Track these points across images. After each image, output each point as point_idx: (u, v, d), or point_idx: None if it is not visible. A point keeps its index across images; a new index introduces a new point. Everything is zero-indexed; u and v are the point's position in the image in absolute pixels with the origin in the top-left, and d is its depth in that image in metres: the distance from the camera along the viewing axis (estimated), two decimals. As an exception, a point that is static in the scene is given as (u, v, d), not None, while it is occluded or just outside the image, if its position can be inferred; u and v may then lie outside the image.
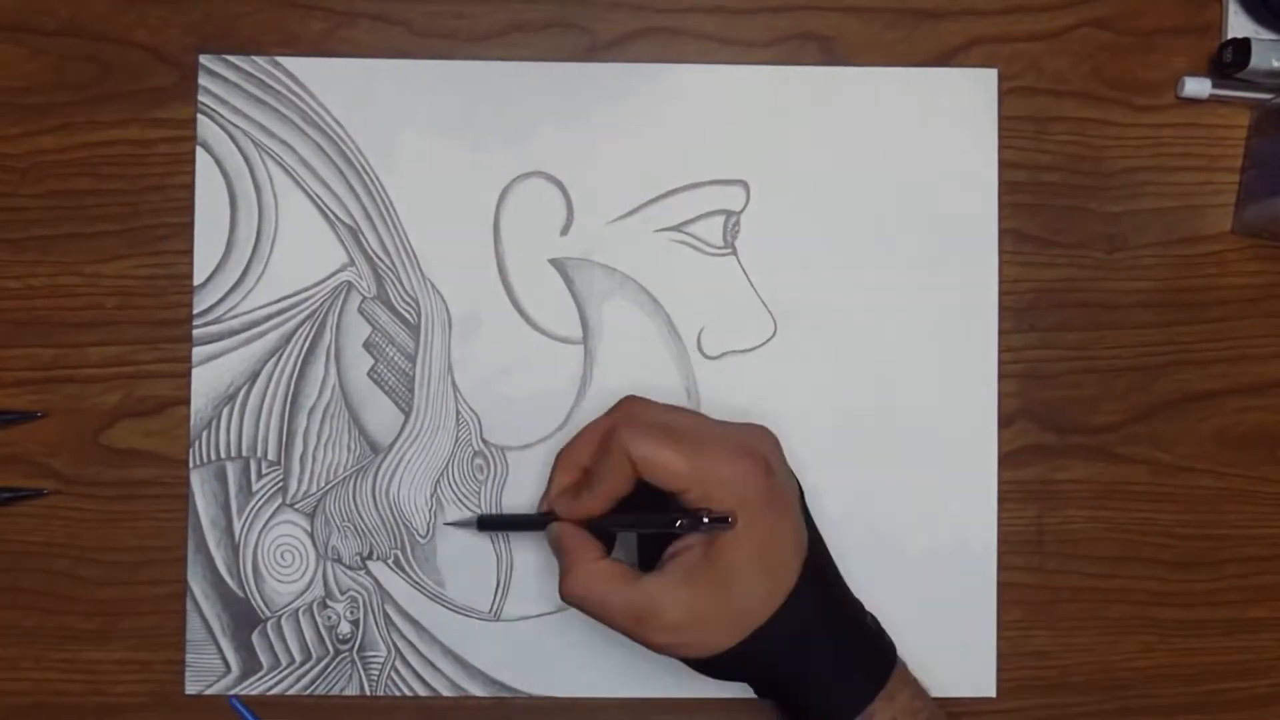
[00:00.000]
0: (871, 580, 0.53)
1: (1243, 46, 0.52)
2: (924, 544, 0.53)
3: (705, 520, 0.43)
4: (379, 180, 0.53)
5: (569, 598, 0.45)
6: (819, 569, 0.46)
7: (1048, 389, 0.54)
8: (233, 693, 0.53)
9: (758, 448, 0.45)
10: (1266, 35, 0.54)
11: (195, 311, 0.53)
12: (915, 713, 0.46)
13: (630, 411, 0.46)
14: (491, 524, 0.52)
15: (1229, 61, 0.53)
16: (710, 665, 0.45)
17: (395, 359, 0.53)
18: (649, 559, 0.47)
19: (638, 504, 0.46)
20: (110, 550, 0.53)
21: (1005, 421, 0.54)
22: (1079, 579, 0.54)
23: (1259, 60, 0.52)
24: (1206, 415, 0.54)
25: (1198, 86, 0.54)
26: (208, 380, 0.53)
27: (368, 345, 0.53)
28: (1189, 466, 0.54)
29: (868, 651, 0.46)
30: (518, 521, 0.52)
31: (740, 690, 0.53)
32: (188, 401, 0.53)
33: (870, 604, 0.53)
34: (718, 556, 0.44)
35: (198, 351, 0.53)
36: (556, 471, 0.47)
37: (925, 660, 0.53)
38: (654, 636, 0.44)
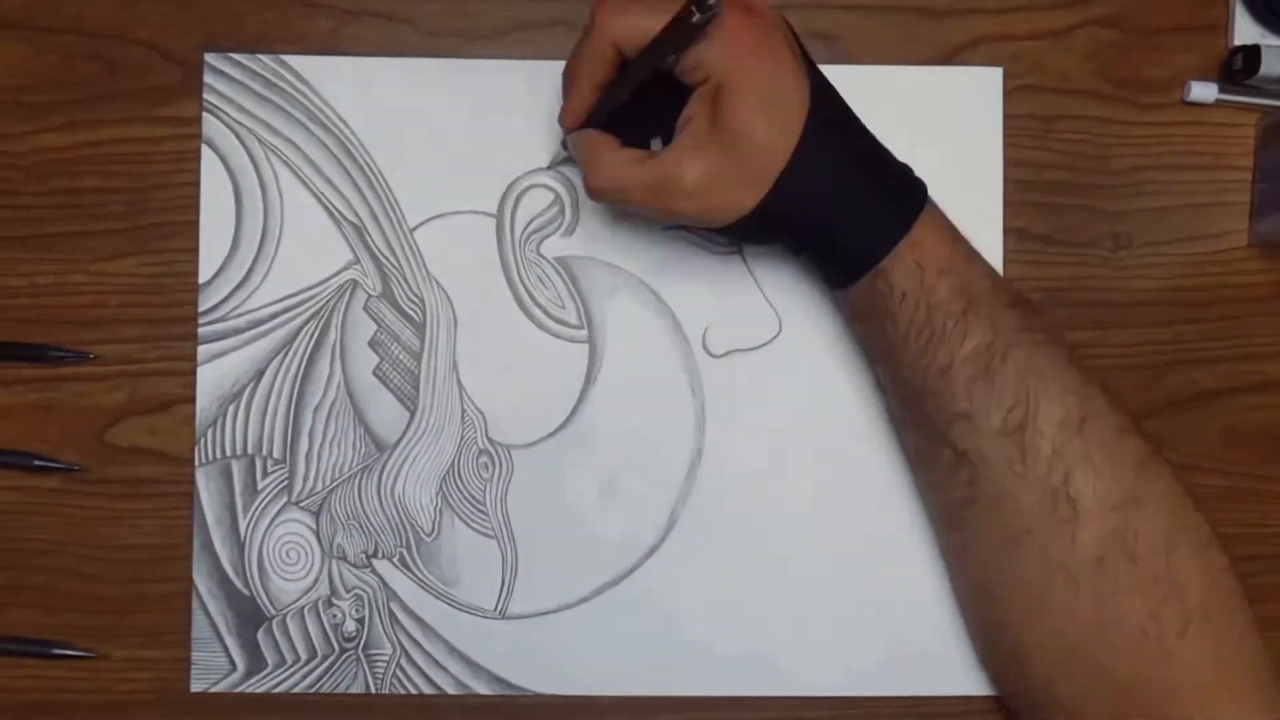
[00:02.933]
0: (874, 576, 0.53)
1: (1253, 54, 0.52)
2: (928, 541, 0.53)
3: (695, 16, 0.41)
4: (384, 178, 0.53)
5: (595, 192, 0.46)
6: (828, 108, 0.45)
7: (1053, 388, 0.54)
8: (238, 690, 0.53)
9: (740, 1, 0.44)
10: (1272, 38, 0.54)
11: (200, 309, 0.53)
12: (951, 255, 0.45)
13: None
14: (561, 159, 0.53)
15: (1239, 68, 0.53)
16: (743, 229, 0.45)
17: (400, 357, 0.53)
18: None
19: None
20: (115, 548, 0.53)
21: (1010, 420, 0.54)
22: (1084, 578, 0.54)
23: (1269, 67, 0.52)
24: (1212, 414, 0.54)
25: (1204, 91, 0.54)
26: (213, 378, 0.53)
27: (373, 343, 0.53)
28: (1195, 465, 0.54)
29: (894, 189, 0.46)
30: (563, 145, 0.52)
31: (740, 690, 0.53)
32: (193, 400, 0.53)
33: (872, 600, 0.53)
34: (721, 115, 0.43)
35: (203, 349, 0.53)
36: (563, 92, 0.48)
37: (927, 659, 0.53)
38: (678, 204, 0.44)
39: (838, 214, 0.45)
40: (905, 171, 0.47)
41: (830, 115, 0.45)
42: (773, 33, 0.44)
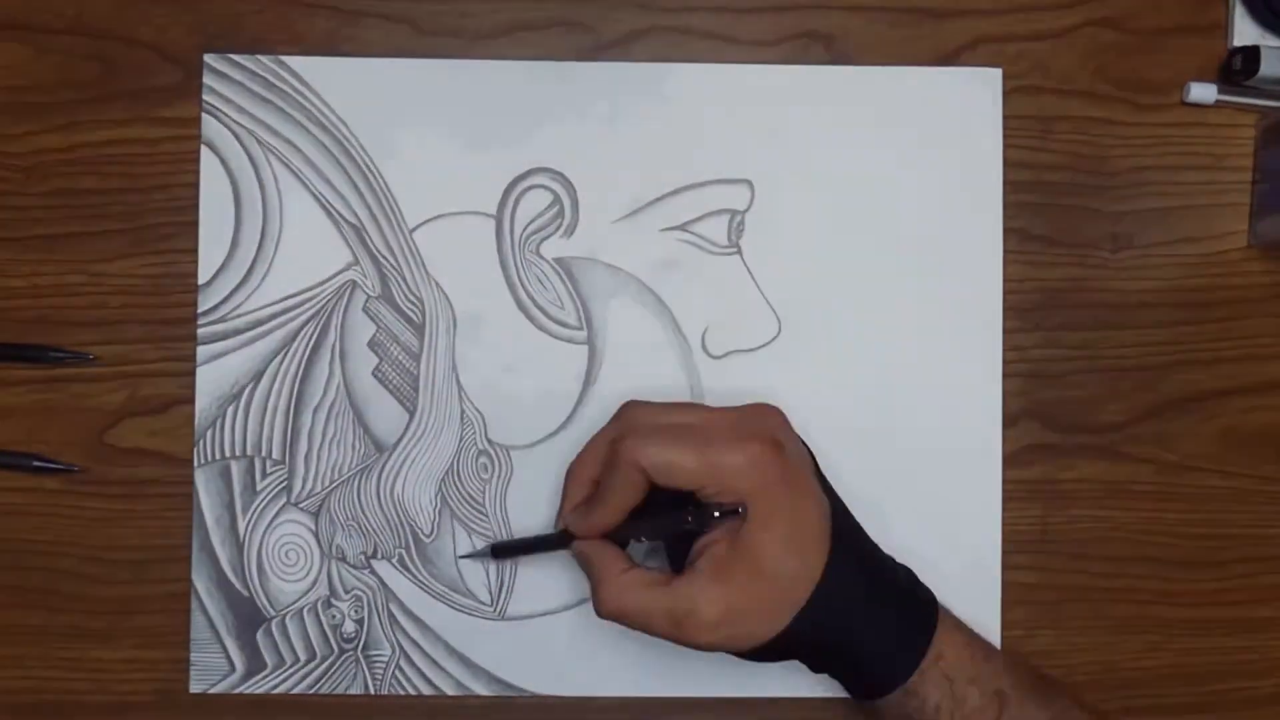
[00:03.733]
0: (876, 580, 0.53)
1: (1252, 55, 0.52)
2: (928, 543, 0.53)
3: (716, 514, 0.43)
4: (383, 179, 0.53)
5: (605, 613, 0.45)
6: (848, 536, 0.46)
7: (1052, 388, 0.54)
8: (237, 691, 0.53)
9: (765, 428, 0.45)
10: (1271, 39, 0.54)
11: (200, 310, 0.53)
12: (972, 659, 0.46)
13: (632, 418, 0.46)
14: (506, 551, 0.52)
15: (1238, 69, 0.53)
16: (758, 654, 0.45)
17: (400, 358, 0.53)
18: (678, 560, 0.47)
19: (657, 508, 0.45)
20: (115, 549, 0.53)
21: (1010, 421, 0.54)
22: (1084, 579, 0.54)
23: (1268, 68, 0.52)
24: (1212, 415, 0.54)
25: (1203, 92, 0.54)
26: (212, 379, 0.53)
27: (372, 344, 0.53)
28: (1194, 466, 0.54)
29: (911, 608, 0.46)
30: (533, 544, 0.51)
31: (740, 690, 0.53)
32: (192, 400, 0.53)
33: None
34: (745, 546, 0.43)
35: (202, 350, 0.53)
36: (568, 488, 0.48)
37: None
38: (697, 637, 0.44)
39: (859, 639, 0.45)
40: (912, 581, 0.47)
41: (848, 542, 0.45)
42: (797, 461, 0.45)
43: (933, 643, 0.45)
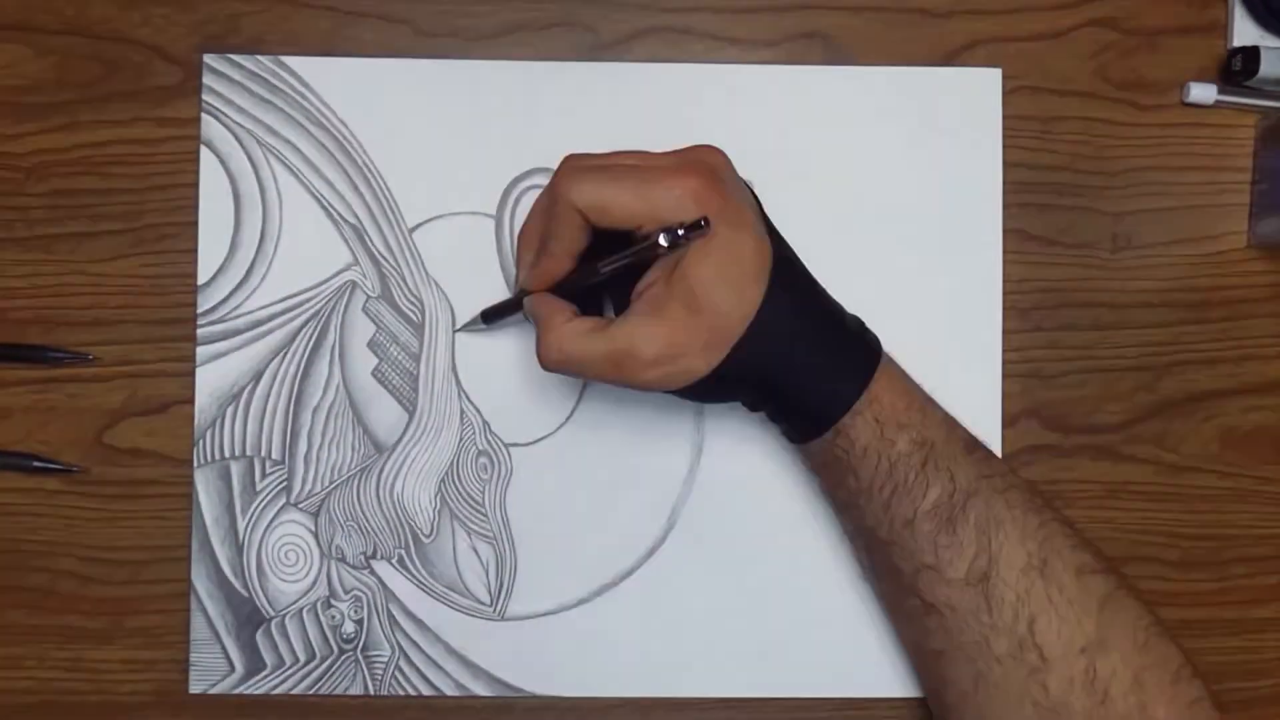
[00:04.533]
0: (876, 580, 0.53)
1: (1252, 55, 0.52)
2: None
3: (681, 233, 0.42)
4: (383, 179, 0.53)
5: (548, 363, 0.45)
6: (787, 273, 0.45)
7: (1052, 389, 0.54)
8: (237, 691, 0.53)
9: (704, 164, 0.44)
10: (1271, 40, 0.54)
11: (199, 311, 0.53)
12: (907, 408, 0.46)
13: (569, 164, 0.46)
14: (492, 314, 0.52)
15: (1238, 70, 0.53)
16: (697, 390, 0.45)
17: (399, 358, 0.53)
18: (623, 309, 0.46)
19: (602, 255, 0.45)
20: (114, 549, 0.53)
21: (1009, 421, 0.54)
22: (1083, 579, 0.54)
23: (1268, 69, 0.52)
24: (1211, 415, 0.54)
25: (1203, 93, 0.54)
26: (212, 379, 0.53)
27: (372, 345, 0.53)
28: (1194, 466, 0.54)
29: (849, 350, 0.46)
30: (507, 306, 0.51)
31: (740, 691, 0.53)
32: (192, 401, 0.53)
33: (872, 604, 0.53)
34: (681, 281, 0.43)
35: (202, 351, 0.53)
36: (520, 251, 0.48)
37: (929, 660, 0.53)
38: (636, 375, 0.44)
39: (794, 377, 0.45)
40: (859, 327, 0.47)
41: (789, 280, 0.45)
42: (738, 197, 0.44)
43: (869, 386, 0.45)
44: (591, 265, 0.46)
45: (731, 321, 0.43)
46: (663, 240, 0.42)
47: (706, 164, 0.44)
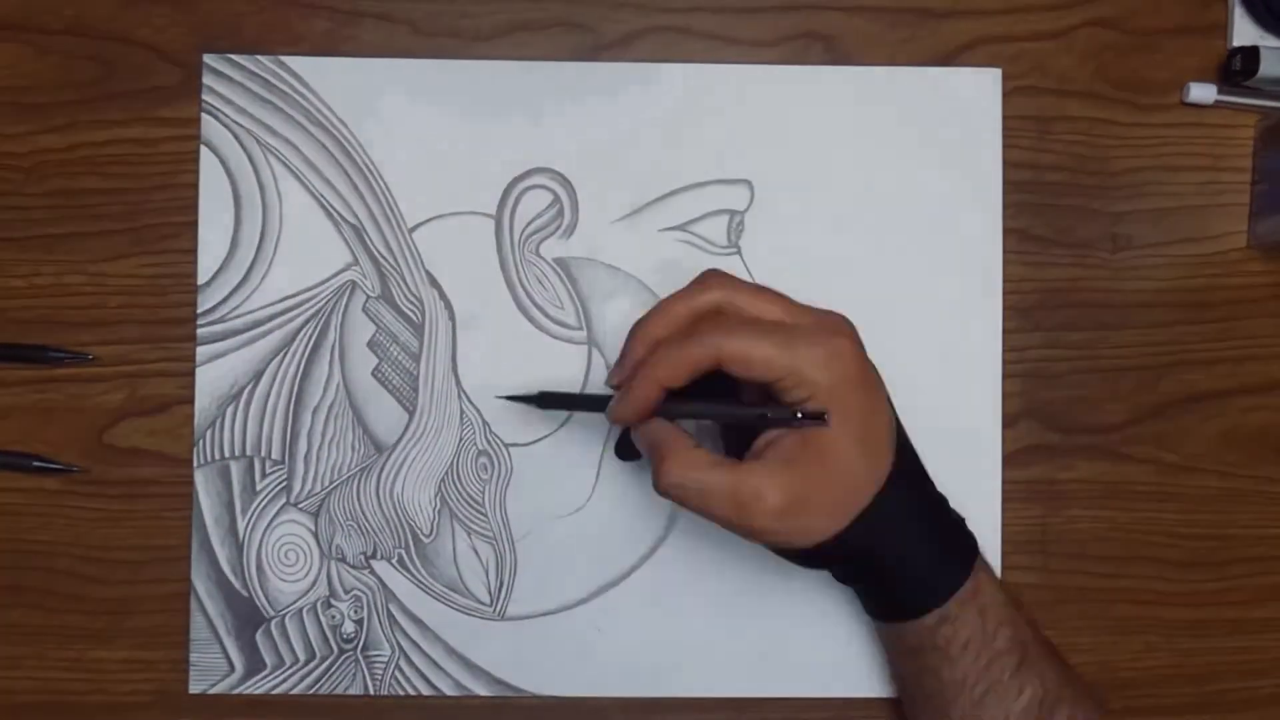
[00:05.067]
0: (875, 580, 0.53)
1: (1251, 55, 0.52)
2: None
3: (799, 415, 0.42)
4: (383, 179, 0.53)
5: (668, 487, 0.43)
6: (908, 452, 0.46)
7: (1052, 389, 0.54)
8: (237, 691, 0.53)
9: (844, 327, 0.44)
10: (1271, 39, 0.54)
11: (199, 310, 0.53)
12: (1004, 604, 0.46)
13: (718, 302, 0.44)
14: (554, 401, 0.49)
15: (1238, 69, 0.53)
16: (809, 553, 0.44)
17: (399, 358, 0.53)
18: (732, 453, 0.46)
19: (712, 392, 0.44)
20: (114, 549, 0.53)
21: (1009, 421, 0.54)
22: (1083, 579, 0.54)
23: (1268, 69, 0.52)
24: (1211, 415, 0.54)
25: (1203, 93, 0.54)
26: (212, 379, 0.53)
27: (372, 344, 0.53)
28: (1194, 466, 0.54)
29: (957, 537, 0.46)
30: (582, 401, 0.50)
31: (740, 691, 0.53)
32: (192, 400, 0.53)
33: (874, 604, 0.53)
34: (818, 440, 0.43)
35: (202, 350, 0.53)
36: (632, 345, 0.45)
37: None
38: (756, 522, 0.43)
39: (908, 553, 0.45)
40: (959, 520, 0.47)
41: (909, 457, 0.46)
42: (871, 366, 0.45)
43: (974, 575, 0.45)
44: (714, 407, 0.45)
45: (863, 485, 0.43)
46: (774, 420, 0.43)
47: (846, 328, 0.44)
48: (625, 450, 0.49)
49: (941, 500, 0.47)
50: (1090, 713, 0.46)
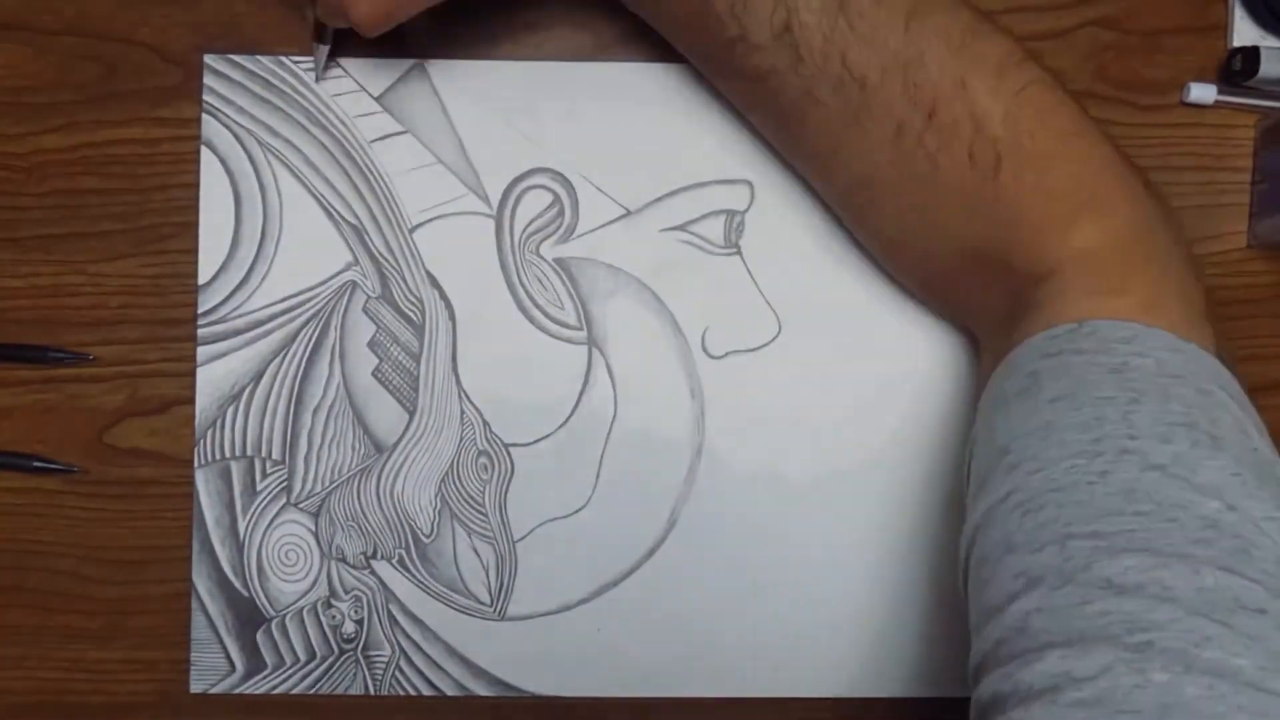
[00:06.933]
0: (873, 580, 0.53)
1: (1252, 55, 0.52)
2: (929, 542, 0.53)
3: None
4: (384, 179, 0.53)
5: (371, 16, 0.44)
6: None
7: (1052, 389, 0.54)
8: (237, 691, 0.53)
9: None
10: (1271, 40, 0.54)
11: (200, 311, 0.53)
12: None
13: None
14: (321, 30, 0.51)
15: (1238, 70, 0.53)
16: None
17: (399, 358, 0.53)
18: None
19: None
20: (115, 549, 0.53)
21: (1010, 421, 0.54)
22: (1083, 579, 0.54)
23: (1268, 69, 0.52)
24: (1211, 415, 0.54)
25: (1203, 93, 0.54)
26: (212, 380, 0.53)
27: (372, 345, 0.53)
28: (1194, 466, 0.54)
29: None
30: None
31: (740, 691, 0.53)
32: (192, 401, 0.53)
33: (872, 601, 0.53)
34: None
35: (202, 351, 0.53)
36: None
37: (929, 660, 0.53)
38: None
39: None
40: None
41: None
42: None
43: None
44: None
45: None
46: None
47: None
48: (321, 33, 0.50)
49: None
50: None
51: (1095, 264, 0.42)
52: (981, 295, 0.46)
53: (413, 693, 0.53)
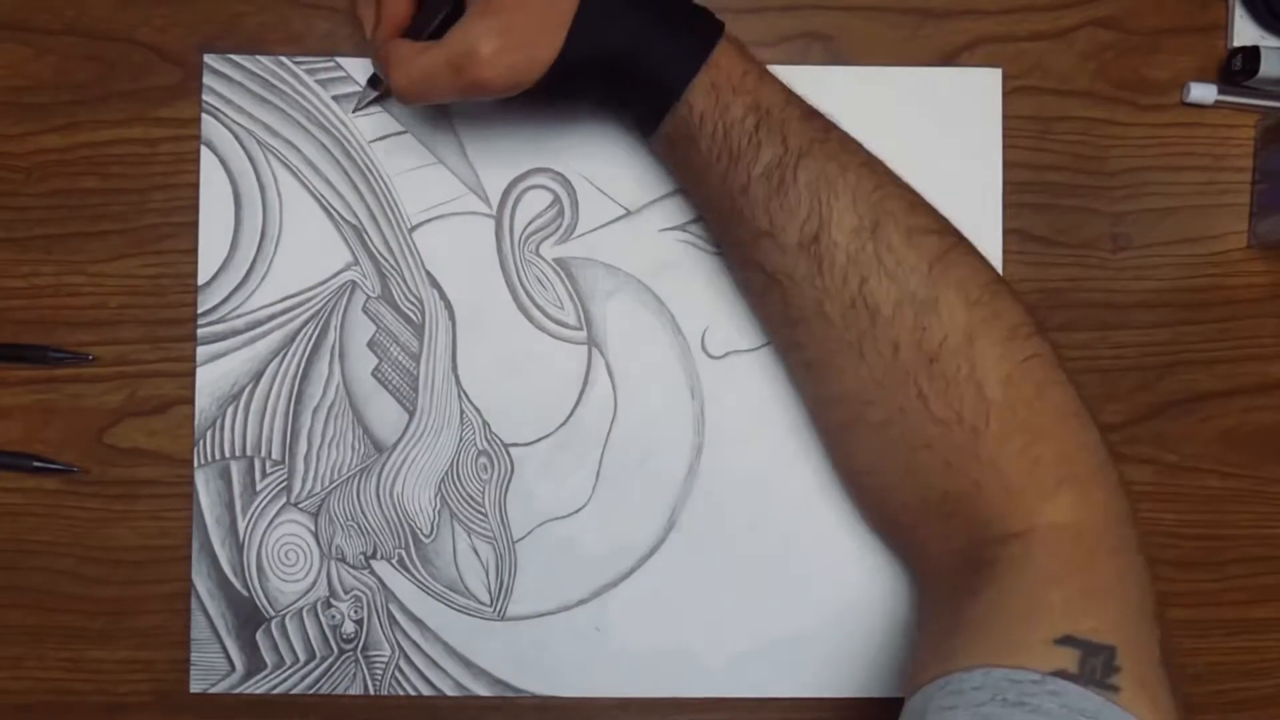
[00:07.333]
0: (874, 580, 0.53)
1: (1252, 55, 0.52)
2: (928, 544, 0.53)
3: None
4: (384, 179, 0.53)
5: (404, 93, 0.46)
6: None
7: (1052, 389, 0.54)
8: (237, 691, 0.53)
9: None
10: (1271, 39, 0.54)
11: (200, 311, 0.53)
12: (744, 74, 0.45)
13: None
14: (377, 80, 0.53)
15: (1238, 69, 0.53)
16: (547, 84, 0.45)
17: (399, 358, 0.53)
18: None
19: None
20: (115, 549, 0.53)
21: (1010, 421, 0.54)
22: (1083, 579, 0.54)
23: (1268, 69, 0.52)
24: (1211, 415, 0.54)
25: (1203, 92, 0.54)
26: (212, 379, 0.53)
27: (372, 344, 0.53)
28: (1194, 466, 0.54)
29: (692, 23, 0.46)
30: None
31: (739, 691, 0.53)
32: (192, 401, 0.53)
33: (871, 602, 0.53)
34: None
35: (202, 351, 0.53)
36: (360, 11, 0.49)
37: (929, 660, 0.53)
38: (480, 73, 0.44)
39: (635, 52, 0.45)
40: (699, 8, 0.47)
41: None
42: None
43: (710, 55, 0.45)
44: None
45: (560, 2, 0.44)
46: None
47: None
48: (375, 81, 0.53)
49: None
50: (850, 154, 0.45)
51: (1065, 540, 0.42)
52: (939, 544, 0.46)
53: (412, 693, 0.53)
